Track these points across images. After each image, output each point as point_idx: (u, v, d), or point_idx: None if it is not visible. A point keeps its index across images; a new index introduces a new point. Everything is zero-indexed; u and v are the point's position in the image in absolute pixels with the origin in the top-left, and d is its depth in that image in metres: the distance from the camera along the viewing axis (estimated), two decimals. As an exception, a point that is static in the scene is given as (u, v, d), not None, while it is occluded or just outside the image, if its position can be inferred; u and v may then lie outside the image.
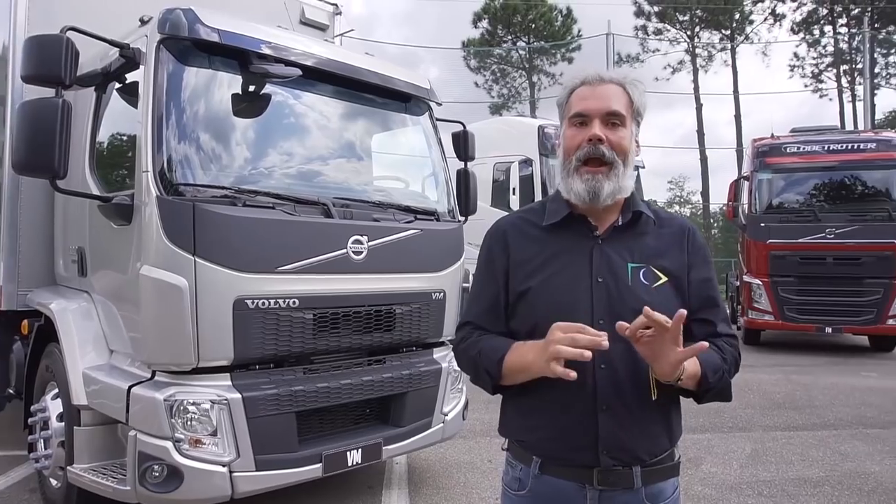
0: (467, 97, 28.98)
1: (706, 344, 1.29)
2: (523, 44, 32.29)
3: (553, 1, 31.72)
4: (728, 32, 31.90)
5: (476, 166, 9.30)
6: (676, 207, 41.94)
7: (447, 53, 33.00)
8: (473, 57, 32.29)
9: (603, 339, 1.23)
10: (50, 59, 2.89)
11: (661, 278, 1.45)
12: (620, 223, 1.48)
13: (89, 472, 3.18)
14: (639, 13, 31.83)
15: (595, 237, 1.47)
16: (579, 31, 31.69)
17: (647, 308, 1.24)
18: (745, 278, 10.55)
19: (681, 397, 1.49)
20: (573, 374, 1.24)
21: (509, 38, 32.72)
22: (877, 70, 30.59)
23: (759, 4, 32.00)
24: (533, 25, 31.94)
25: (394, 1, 46.01)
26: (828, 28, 32.98)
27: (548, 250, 1.48)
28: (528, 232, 1.52)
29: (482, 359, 1.46)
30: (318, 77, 3.53)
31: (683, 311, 1.24)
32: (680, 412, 1.53)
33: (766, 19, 32.46)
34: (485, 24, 32.21)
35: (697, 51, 31.63)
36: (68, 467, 3.29)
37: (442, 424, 3.96)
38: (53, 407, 3.57)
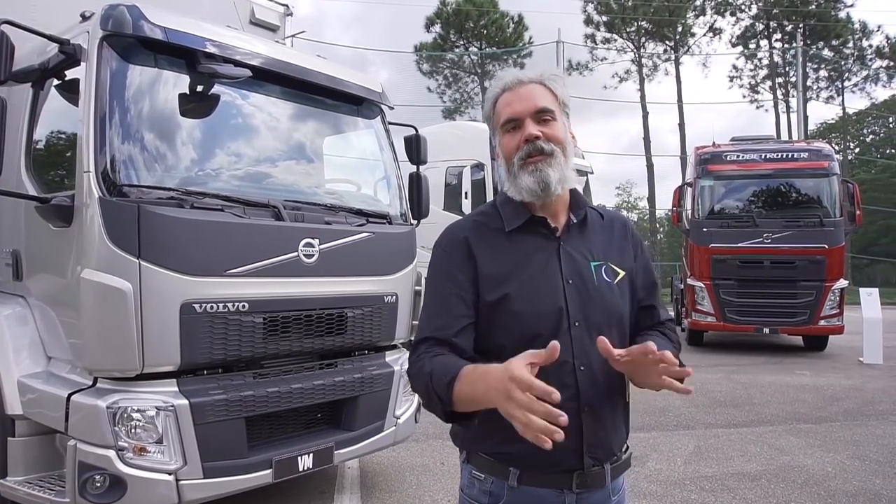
0: (420, 101, 29.08)
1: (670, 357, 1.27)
2: (475, 49, 32.59)
3: (505, 8, 32.20)
4: (672, 44, 32.99)
5: (428, 170, 9.31)
6: (625, 212, 43.09)
7: (399, 57, 33.04)
8: (426, 61, 32.41)
9: (562, 418, 1.07)
10: (-16, 54, 2.77)
11: (619, 273, 1.49)
12: (574, 221, 1.50)
13: (24, 485, 3.05)
14: (588, 22, 32.64)
15: (557, 238, 1.47)
16: (530, 38, 32.26)
17: (625, 350, 1.27)
18: (689, 281, 10.92)
19: None
20: (547, 445, 1.09)
21: (462, 43, 32.96)
22: (809, 83, 32.26)
23: (701, 18, 33.27)
24: (485, 31, 32.26)
25: (342, 2, 45.66)
26: (763, 42, 34.56)
27: (516, 255, 1.45)
28: (490, 237, 1.48)
29: (433, 382, 1.31)
30: (269, 78, 3.49)
31: (651, 347, 1.24)
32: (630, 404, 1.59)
33: (706, 33, 33.78)
34: (437, 28, 32.39)
35: (643, 61, 32.61)
36: (1, 480, 3.14)
37: (394, 427, 3.96)
38: (-16, 418, 3.40)
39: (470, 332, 1.42)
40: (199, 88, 3.24)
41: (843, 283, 10.23)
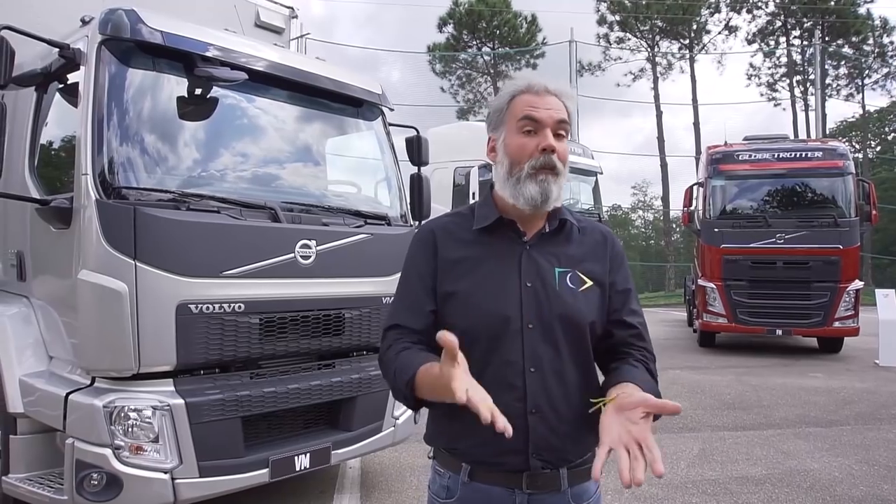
0: (433, 101, 29.08)
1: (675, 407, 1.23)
2: (488, 49, 32.54)
3: (518, 8, 32.09)
4: (686, 42, 32.67)
5: (438, 170, 9.35)
6: (640, 212, 42.71)
7: (412, 57, 33.03)
8: (439, 61, 32.41)
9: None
10: (-17, 59, 2.83)
11: (586, 282, 1.48)
12: (548, 230, 1.51)
13: (25, 482, 3.11)
14: (601, 22, 32.42)
15: (523, 242, 1.49)
16: (543, 39, 32.09)
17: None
18: (700, 282, 10.82)
19: None
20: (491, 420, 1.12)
21: (474, 43, 32.93)
22: (828, 81, 31.73)
23: (716, 15, 32.89)
24: (498, 31, 32.17)
25: (355, 3, 45.64)
26: (781, 40, 34.07)
27: (477, 254, 1.48)
28: (457, 235, 1.53)
29: (396, 379, 1.41)
30: (266, 81, 3.51)
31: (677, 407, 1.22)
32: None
33: (721, 31, 33.39)
34: (450, 28, 32.37)
35: (657, 59, 32.33)
36: (3, 477, 3.20)
37: (393, 428, 3.97)
38: (-12, 416, 3.48)
39: (429, 324, 1.49)
40: (197, 91, 3.28)
41: (858, 283, 10.06)
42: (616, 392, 1.33)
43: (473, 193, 8.92)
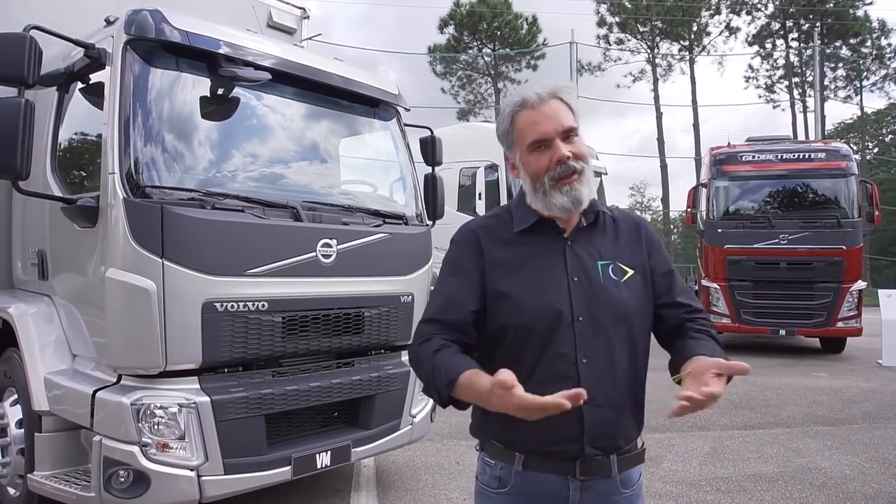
0: (434, 102, 29.13)
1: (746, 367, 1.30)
2: (489, 50, 32.61)
3: (519, 9, 32.18)
4: (686, 43, 32.77)
5: (442, 171, 9.36)
6: (638, 213, 42.86)
7: (411, 58, 33.10)
8: (440, 62, 32.48)
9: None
10: (13, 58, 2.83)
11: (627, 272, 1.54)
12: (584, 224, 1.56)
13: (51, 480, 3.12)
14: (601, 23, 32.52)
15: (564, 238, 1.54)
16: (544, 40, 32.20)
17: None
18: (704, 282, 10.86)
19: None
20: (564, 403, 1.18)
21: (475, 44, 33.01)
22: (826, 83, 31.86)
23: (716, 17, 33.03)
24: (499, 32, 32.30)
25: (351, 4, 45.49)
26: (780, 42, 34.21)
27: (522, 253, 1.53)
28: (499, 235, 1.56)
29: (434, 377, 1.41)
30: (287, 81, 3.54)
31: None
32: (644, 402, 1.62)
33: (721, 32, 33.52)
34: (451, 30, 32.48)
35: (657, 60, 32.43)
36: (28, 475, 3.21)
37: (410, 426, 3.99)
38: (12, 413, 3.49)
39: (470, 322, 1.50)
40: (220, 91, 3.30)
41: (861, 284, 10.12)
42: (690, 367, 1.39)
43: (480, 194, 8.95)
